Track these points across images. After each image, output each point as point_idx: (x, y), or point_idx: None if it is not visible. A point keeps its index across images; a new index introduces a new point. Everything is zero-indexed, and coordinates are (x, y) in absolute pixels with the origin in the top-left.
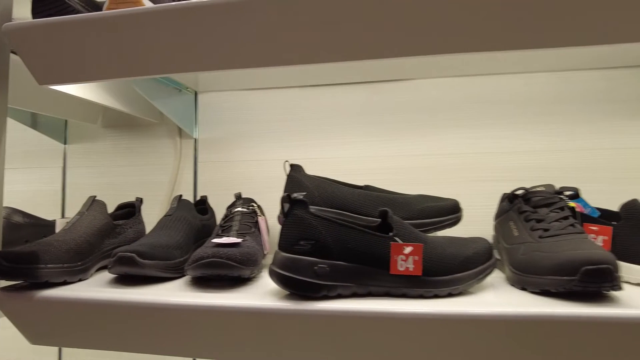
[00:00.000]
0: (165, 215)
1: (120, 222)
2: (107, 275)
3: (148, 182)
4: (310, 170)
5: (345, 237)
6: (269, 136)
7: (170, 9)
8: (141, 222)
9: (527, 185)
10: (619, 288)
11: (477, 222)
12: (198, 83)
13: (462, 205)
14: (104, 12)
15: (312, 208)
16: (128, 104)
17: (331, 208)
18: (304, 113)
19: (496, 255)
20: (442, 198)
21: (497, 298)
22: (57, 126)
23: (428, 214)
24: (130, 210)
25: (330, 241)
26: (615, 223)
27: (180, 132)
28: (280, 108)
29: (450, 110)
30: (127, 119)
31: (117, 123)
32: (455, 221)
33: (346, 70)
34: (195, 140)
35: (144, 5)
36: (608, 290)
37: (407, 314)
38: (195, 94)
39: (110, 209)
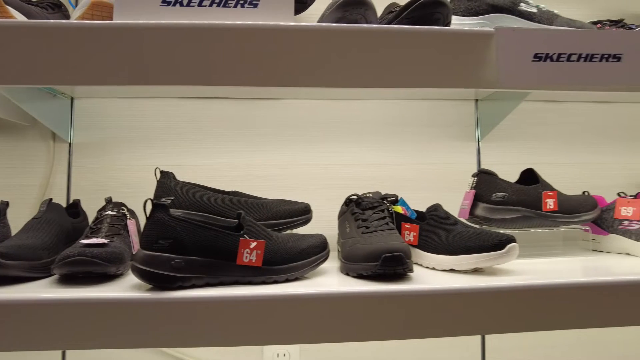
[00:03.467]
0: (32, 218)
1: None
2: None
3: (17, 185)
4: (184, 176)
5: (200, 236)
6: (145, 143)
7: (37, 27)
8: (6, 226)
9: (362, 192)
10: (410, 271)
11: (329, 222)
12: (74, 90)
13: (316, 207)
14: None
15: (175, 211)
16: None
17: (198, 212)
18: (182, 122)
19: (339, 248)
20: (296, 202)
21: (323, 281)
22: None
23: (282, 215)
24: None
25: (187, 239)
26: (423, 222)
27: (54, 136)
28: (158, 117)
29: (312, 128)
30: None
31: None
32: (306, 221)
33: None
34: (70, 144)
35: (13, 17)
36: (402, 272)
37: (246, 297)
38: (72, 99)
39: None
